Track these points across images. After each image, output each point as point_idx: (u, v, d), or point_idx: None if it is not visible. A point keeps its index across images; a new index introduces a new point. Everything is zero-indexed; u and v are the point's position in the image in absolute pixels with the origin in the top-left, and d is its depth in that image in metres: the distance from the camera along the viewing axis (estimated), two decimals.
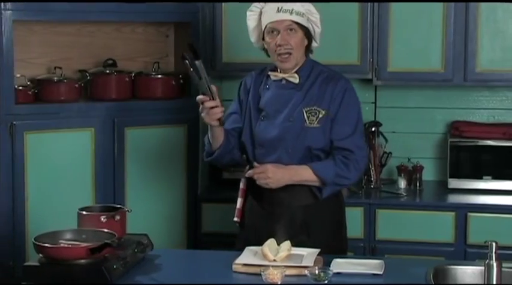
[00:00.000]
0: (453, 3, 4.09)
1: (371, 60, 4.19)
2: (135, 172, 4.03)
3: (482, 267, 2.59)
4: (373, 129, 4.28)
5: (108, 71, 4.07)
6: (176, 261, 3.02)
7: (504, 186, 4.11)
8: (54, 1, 3.76)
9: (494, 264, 2.55)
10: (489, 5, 4.07)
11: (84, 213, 2.90)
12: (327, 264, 2.74)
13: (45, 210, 3.76)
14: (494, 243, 2.55)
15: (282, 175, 3.07)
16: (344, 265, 2.78)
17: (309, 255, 2.82)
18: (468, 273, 2.79)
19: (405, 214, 3.99)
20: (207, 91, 2.98)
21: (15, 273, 3.63)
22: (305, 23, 3.11)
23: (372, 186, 4.24)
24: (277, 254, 2.78)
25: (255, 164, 3.13)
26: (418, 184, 4.25)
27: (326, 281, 2.61)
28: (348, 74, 3.25)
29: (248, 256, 2.83)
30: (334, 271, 2.67)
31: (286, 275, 2.64)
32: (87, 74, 4.04)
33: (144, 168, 4.06)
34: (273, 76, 3.19)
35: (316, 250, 2.87)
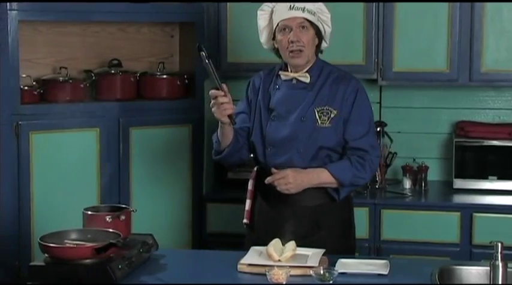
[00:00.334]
0: (458, 3, 4.08)
1: (376, 60, 4.18)
2: (140, 172, 4.03)
3: (488, 268, 2.59)
4: (378, 129, 4.27)
5: (113, 71, 4.08)
6: (181, 261, 3.02)
7: (509, 186, 4.11)
8: (60, 1, 3.77)
9: (500, 265, 2.54)
10: (494, 5, 4.06)
11: (90, 213, 2.90)
12: (332, 265, 2.74)
13: (51, 210, 3.76)
14: (499, 244, 2.55)
15: (301, 180, 3.05)
16: (349, 265, 2.78)
17: (314, 255, 2.82)
18: (473, 273, 2.79)
19: (410, 214, 3.99)
20: (219, 87, 2.97)
21: (21, 273, 3.64)
22: (316, 21, 3.12)
23: (377, 186, 4.24)
24: (282, 254, 2.78)
25: (273, 170, 3.08)
26: (423, 184, 4.25)
27: (331, 281, 2.61)
28: (353, 74, 3.24)
29: (253, 256, 2.83)
30: (339, 271, 2.67)
31: (291, 275, 2.64)
32: (93, 74, 4.05)
33: (149, 168, 4.06)
34: (284, 75, 3.18)
35: (321, 250, 2.86)
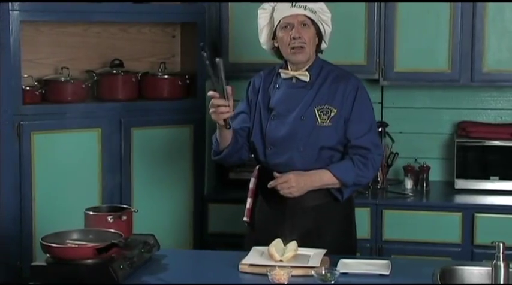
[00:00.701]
0: (460, 3, 4.08)
1: (377, 60, 4.18)
2: (141, 172, 4.03)
3: (490, 268, 2.59)
4: (379, 129, 4.26)
5: (114, 71, 4.08)
6: (183, 261, 3.02)
7: (511, 187, 4.10)
8: (61, 1, 3.77)
9: (502, 265, 2.54)
10: (496, 4, 4.06)
11: (91, 213, 2.90)
12: (334, 265, 2.74)
13: (52, 210, 3.77)
14: (501, 244, 2.55)
15: (304, 183, 3.05)
16: (351, 265, 2.78)
17: (315, 255, 2.81)
18: (475, 273, 2.78)
19: (412, 215, 3.99)
20: (220, 89, 2.96)
21: (23, 273, 3.64)
22: (317, 20, 3.13)
23: (379, 186, 4.23)
24: (283, 254, 2.78)
25: (275, 174, 3.07)
26: (424, 185, 4.25)
27: (332, 282, 2.61)
28: (355, 74, 3.24)
29: (254, 256, 2.83)
30: (341, 271, 2.67)
31: (292, 276, 2.64)
32: (94, 74, 4.05)
33: (151, 168, 4.06)
34: (284, 74, 3.18)
35: (323, 250, 2.86)
